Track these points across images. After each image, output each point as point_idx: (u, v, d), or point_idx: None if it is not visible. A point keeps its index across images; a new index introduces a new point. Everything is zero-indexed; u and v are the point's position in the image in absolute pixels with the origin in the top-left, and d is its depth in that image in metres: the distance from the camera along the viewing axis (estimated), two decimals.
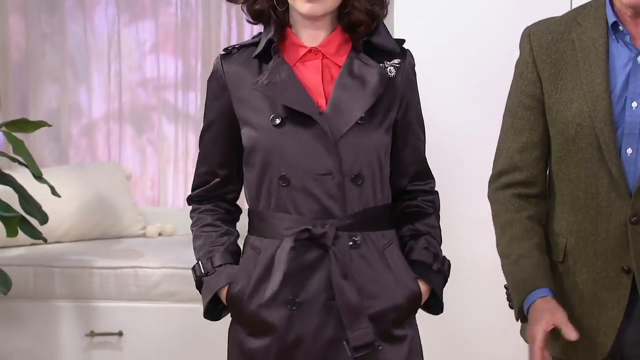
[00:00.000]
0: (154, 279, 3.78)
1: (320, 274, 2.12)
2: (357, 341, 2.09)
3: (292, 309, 2.11)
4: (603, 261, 2.15)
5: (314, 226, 2.11)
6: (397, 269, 2.16)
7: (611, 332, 2.15)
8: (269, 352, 2.13)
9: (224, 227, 2.25)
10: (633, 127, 2.13)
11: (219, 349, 3.56)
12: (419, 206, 2.26)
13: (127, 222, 4.30)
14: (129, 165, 4.74)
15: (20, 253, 3.91)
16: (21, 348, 3.74)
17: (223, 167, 2.24)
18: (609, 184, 2.13)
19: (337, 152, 2.12)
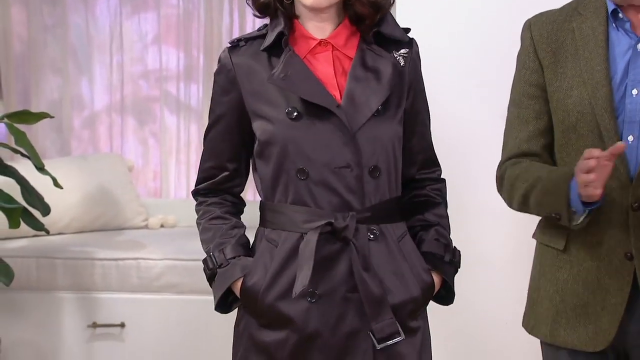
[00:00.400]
0: (156, 271, 3.78)
1: (341, 266, 2.12)
2: (382, 332, 2.09)
3: (311, 302, 2.11)
4: (606, 248, 2.16)
5: (335, 219, 2.11)
6: (412, 260, 2.17)
7: (615, 319, 2.15)
8: (285, 345, 2.12)
9: (232, 220, 2.25)
10: (633, 115, 2.13)
11: (220, 341, 3.57)
12: (427, 195, 2.26)
13: (129, 213, 4.30)
14: (131, 157, 4.74)
15: (23, 244, 3.91)
16: (24, 339, 3.74)
17: (233, 161, 2.24)
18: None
19: (356, 145, 2.11)
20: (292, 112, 2.12)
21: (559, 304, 2.23)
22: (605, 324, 2.16)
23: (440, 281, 2.21)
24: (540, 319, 2.27)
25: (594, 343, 2.18)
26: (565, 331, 2.21)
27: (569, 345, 2.21)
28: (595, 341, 2.18)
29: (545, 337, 2.26)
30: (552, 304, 2.24)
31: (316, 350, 2.11)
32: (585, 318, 2.18)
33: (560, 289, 2.22)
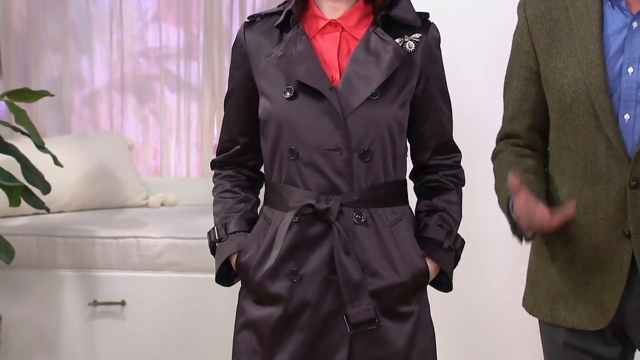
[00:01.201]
0: (157, 249, 3.78)
1: (323, 248, 2.13)
2: (357, 317, 2.10)
3: (293, 281, 2.12)
4: (604, 227, 2.16)
5: (317, 201, 2.12)
6: (404, 245, 2.16)
7: (615, 297, 2.16)
8: (268, 322, 2.15)
9: (242, 194, 2.27)
10: (629, 93, 2.13)
11: (220, 319, 3.58)
12: (439, 181, 2.25)
13: (129, 192, 4.30)
14: (132, 135, 4.74)
15: (23, 222, 3.92)
16: (24, 317, 3.75)
17: (243, 135, 2.26)
18: (607, 150, 2.14)
19: (346, 128, 2.11)
20: (288, 91, 2.13)
21: (558, 284, 2.23)
22: (605, 302, 2.17)
23: (437, 268, 2.20)
24: (539, 299, 2.28)
25: (594, 322, 2.19)
26: (565, 311, 2.22)
27: (569, 325, 2.22)
28: (595, 320, 2.19)
29: (546, 317, 2.27)
30: (552, 284, 2.24)
31: (297, 328, 2.13)
32: (585, 297, 2.19)
33: (560, 269, 2.23)
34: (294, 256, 2.13)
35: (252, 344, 2.17)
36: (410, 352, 2.16)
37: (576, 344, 2.23)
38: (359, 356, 2.12)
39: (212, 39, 4.62)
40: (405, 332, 2.15)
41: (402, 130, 2.18)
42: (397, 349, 2.14)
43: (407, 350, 2.15)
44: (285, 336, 2.13)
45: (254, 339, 2.17)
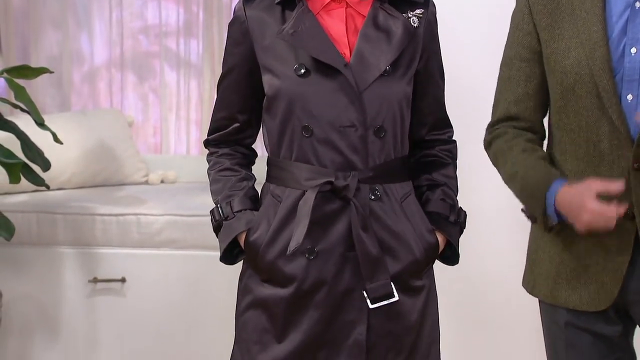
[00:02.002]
0: (157, 226, 3.79)
1: (340, 225, 2.12)
2: (376, 292, 2.10)
3: (309, 258, 2.12)
4: None
5: (336, 178, 2.11)
6: (415, 220, 2.18)
7: (618, 278, 2.16)
8: (281, 301, 2.14)
9: (242, 172, 2.27)
10: (632, 73, 2.13)
11: (221, 296, 3.59)
12: (436, 156, 2.26)
13: (129, 169, 4.30)
14: (131, 113, 4.73)
15: (23, 199, 3.92)
16: (25, 293, 3.76)
17: (243, 113, 2.25)
18: (610, 131, 2.14)
19: (362, 104, 2.11)
20: (300, 68, 2.12)
21: (559, 265, 2.23)
22: (607, 283, 2.17)
23: (445, 241, 2.21)
24: (540, 280, 2.28)
25: (595, 303, 2.19)
26: (566, 291, 2.22)
27: (570, 305, 2.22)
28: (597, 301, 2.19)
29: (546, 297, 2.27)
30: (552, 265, 2.25)
31: (312, 306, 2.13)
32: (586, 278, 2.19)
33: (561, 250, 2.23)
34: (310, 233, 2.11)
35: (261, 322, 2.17)
36: (422, 325, 2.18)
37: (577, 324, 2.23)
38: (376, 331, 2.13)
39: (211, 17, 4.60)
40: (418, 306, 2.17)
41: (409, 106, 2.19)
42: (411, 322, 2.16)
43: (420, 324, 2.17)
44: (299, 314, 2.13)
45: (263, 317, 2.17)
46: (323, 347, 2.13)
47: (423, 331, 2.18)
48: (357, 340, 2.12)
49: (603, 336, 2.22)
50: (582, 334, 2.23)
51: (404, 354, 2.15)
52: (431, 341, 2.20)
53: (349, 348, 2.12)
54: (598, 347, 2.23)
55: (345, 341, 2.13)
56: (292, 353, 2.13)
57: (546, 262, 2.26)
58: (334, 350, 2.13)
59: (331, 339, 2.13)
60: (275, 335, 2.15)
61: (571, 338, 2.24)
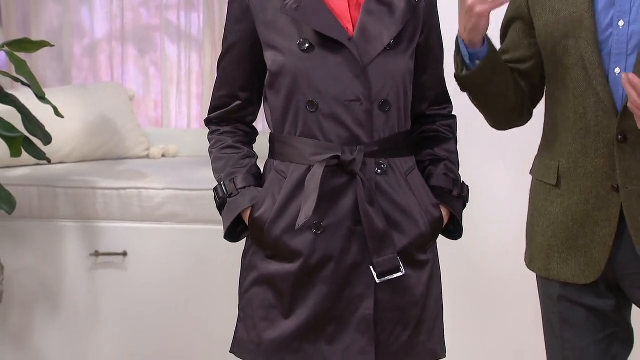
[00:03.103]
0: (158, 200, 3.79)
1: (347, 199, 2.13)
2: (383, 266, 2.11)
3: (316, 233, 2.12)
4: (593, 180, 2.17)
5: (343, 153, 2.11)
6: (420, 194, 2.18)
7: (604, 250, 2.17)
8: (288, 277, 2.14)
9: (244, 149, 2.26)
10: (620, 46, 2.13)
11: (222, 270, 3.60)
12: (437, 131, 2.26)
13: (130, 143, 4.30)
14: (132, 86, 4.72)
15: (24, 173, 3.92)
16: (27, 267, 3.77)
17: (245, 90, 2.24)
18: (596, 103, 2.15)
19: (366, 78, 2.11)
20: (304, 43, 2.11)
21: (551, 239, 2.25)
22: (595, 256, 2.19)
23: (449, 215, 2.21)
24: (535, 254, 2.30)
25: (585, 275, 2.20)
26: (557, 265, 2.24)
27: (562, 278, 2.24)
28: (586, 273, 2.20)
29: (540, 271, 2.29)
30: (545, 239, 2.26)
31: (319, 281, 2.13)
32: (576, 251, 2.20)
33: (552, 224, 2.24)
34: (317, 208, 2.11)
35: (267, 298, 2.17)
36: (427, 299, 2.18)
37: (570, 297, 2.25)
38: (383, 306, 2.14)
39: None
40: (423, 280, 2.18)
41: (411, 80, 2.19)
42: (417, 296, 2.16)
43: (425, 298, 2.18)
44: (306, 289, 2.13)
45: (269, 294, 2.17)
46: (331, 322, 2.14)
47: (428, 305, 2.19)
48: (365, 315, 2.12)
49: (596, 310, 2.24)
50: (575, 307, 2.24)
51: (410, 328, 2.16)
52: (436, 315, 2.22)
53: (356, 323, 2.13)
54: (592, 321, 2.24)
55: (353, 316, 2.13)
56: (300, 328, 2.13)
57: (540, 237, 2.27)
58: (341, 325, 2.14)
59: (339, 314, 2.13)
60: (282, 311, 2.15)
61: (565, 312, 2.26)
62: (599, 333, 2.24)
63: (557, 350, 2.28)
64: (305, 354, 2.14)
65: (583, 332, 2.24)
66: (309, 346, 2.13)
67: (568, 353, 2.26)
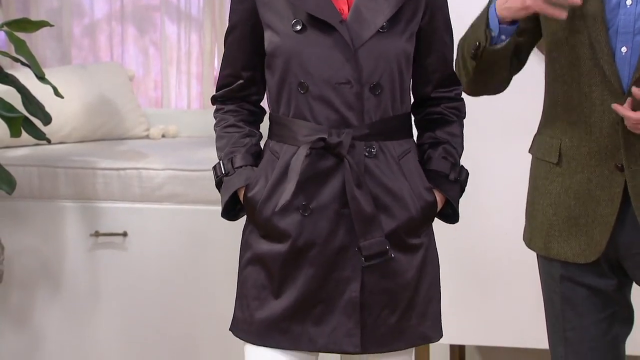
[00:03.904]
0: (158, 181, 3.79)
1: (334, 182, 2.13)
2: (370, 250, 2.11)
3: (303, 215, 2.12)
4: (597, 159, 2.17)
5: (329, 135, 2.11)
6: (413, 178, 2.17)
7: (606, 230, 2.18)
8: (277, 257, 2.15)
9: (246, 128, 2.26)
10: (627, 26, 2.12)
11: (222, 250, 3.60)
12: (441, 113, 2.25)
13: (130, 123, 4.29)
14: (132, 66, 4.72)
15: (24, 153, 3.92)
16: (27, 247, 3.77)
17: (246, 70, 2.24)
18: (602, 82, 2.15)
19: (357, 61, 2.11)
20: (297, 24, 2.11)
21: (552, 217, 2.25)
22: (596, 235, 2.19)
23: (444, 200, 2.21)
24: (535, 233, 2.30)
25: (585, 254, 2.21)
26: (558, 244, 2.24)
27: (562, 258, 2.24)
28: (587, 252, 2.21)
29: (540, 250, 2.29)
30: (546, 217, 2.26)
31: (307, 262, 2.13)
32: (577, 230, 2.21)
33: (553, 202, 2.24)
34: (305, 190, 2.12)
35: (260, 279, 2.18)
36: (419, 283, 2.18)
37: (571, 277, 2.25)
38: (370, 289, 2.14)
39: None
40: (415, 264, 2.17)
41: (409, 63, 2.18)
42: (407, 280, 2.16)
43: (416, 282, 2.17)
44: (295, 271, 2.14)
45: (262, 274, 2.18)
46: (318, 304, 2.14)
47: (420, 289, 2.19)
48: (351, 297, 2.13)
49: (598, 290, 2.24)
50: (576, 287, 2.25)
51: (399, 311, 2.16)
52: (429, 299, 2.21)
53: (343, 305, 2.13)
54: (593, 301, 2.25)
55: (340, 298, 2.14)
56: (288, 309, 2.14)
57: (540, 215, 2.28)
58: (329, 307, 2.14)
59: (326, 295, 2.14)
60: (272, 291, 2.16)
61: (566, 291, 2.26)
62: (600, 313, 2.25)
63: (558, 330, 2.29)
64: (293, 335, 2.15)
65: (584, 312, 2.25)
66: (297, 327, 2.15)
67: (569, 333, 2.27)
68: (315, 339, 2.14)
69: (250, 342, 2.19)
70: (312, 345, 2.15)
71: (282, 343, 2.16)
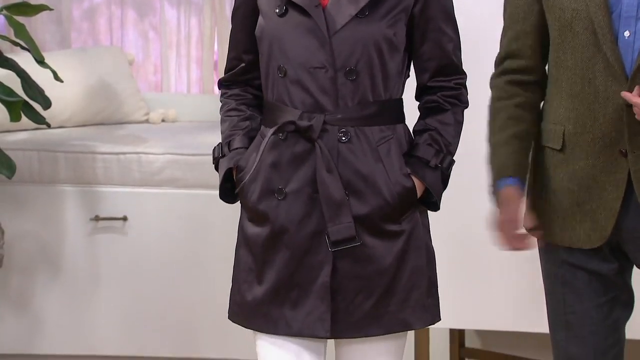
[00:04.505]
0: (158, 165, 3.79)
1: (307, 166, 2.13)
2: (337, 235, 2.11)
3: (278, 199, 2.13)
4: (601, 145, 2.17)
5: (300, 119, 2.12)
6: (390, 164, 2.15)
7: (611, 215, 2.18)
8: (258, 239, 2.17)
9: (247, 112, 2.27)
10: (630, 10, 2.12)
11: (222, 234, 3.60)
12: (436, 102, 2.23)
13: (130, 107, 4.29)
14: (132, 50, 4.71)
15: (24, 137, 3.92)
16: (27, 231, 3.77)
17: (248, 53, 2.25)
18: (605, 68, 2.14)
19: (331, 47, 2.11)
20: (280, 8, 2.13)
21: (555, 204, 2.25)
22: (601, 221, 2.19)
23: (422, 186, 2.18)
24: (538, 219, 2.29)
25: (590, 240, 2.21)
26: (561, 230, 2.24)
27: (566, 244, 2.24)
28: (592, 238, 2.21)
29: (543, 236, 2.29)
30: (549, 203, 2.26)
31: (283, 245, 2.15)
32: (581, 216, 2.21)
33: (557, 189, 2.24)
34: (280, 174, 2.14)
35: (248, 262, 2.20)
36: (399, 270, 2.16)
37: (573, 262, 2.25)
38: (343, 274, 2.14)
39: None
40: (395, 251, 2.16)
41: (393, 49, 2.16)
42: (383, 266, 2.15)
43: (396, 268, 2.16)
44: (273, 254, 2.15)
45: (249, 257, 2.19)
46: (294, 288, 2.15)
47: (400, 276, 2.17)
48: (323, 282, 2.13)
49: (599, 274, 2.24)
50: (577, 271, 2.25)
51: (374, 297, 2.15)
52: (411, 286, 2.18)
53: (317, 290, 2.14)
54: (594, 285, 2.25)
55: (314, 282, 2.14)
56: (268, 293, 2.16)
57: (543, 202, 2.27)
58: (304, 291, 2.15)
59: (301, 280, 2.15)
60: (257, 274, 2.18)
61: (567, 276, 2.26)
62: (601, 297, 2.25)
63: (559, 315, 2.29)
64: (273, 318, 2.16)
65: (585, 296, 2.25)
66: (276, 311, 2.16)
67: (570, 317, 2.27)
68: (291, 323, 2.15)
69: (240, 324, 2.22)
70: (288, 329, 2.16)
71: (263, 327, 2.17)
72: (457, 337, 3.61)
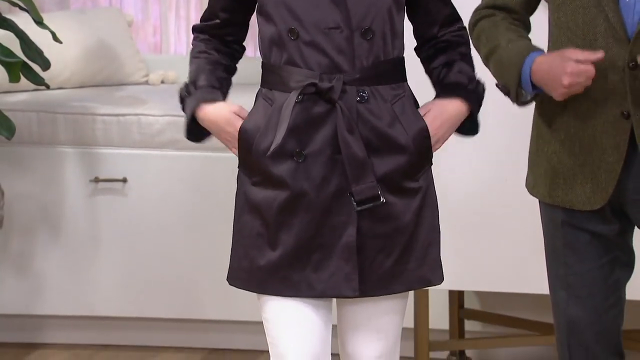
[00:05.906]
0: (157, 127, 3.78)
1: (327, 127, 2.12)
2: (361, 195, 2.11)
3: (297, 162, 2.13)
4: (602, 107, 2.17)
5: (320, 80, 2.11)
6: (406, 121, 2.17)
7: (612, 177, 2.18)
8: (273, 204, 2.15)
9: (216, 55, 2.26)
10: None
11: (221, 196, 3.60)
12: (448, 40, 2.25)
13: (129, 69, 4.28)
14: (131, 11, 4.69)
15: (23, 98, 3.91)
16: (27, 192, 3.78)
17: (225, 11, 2.24)
18: (607, 29, 2.13)
19: (345, 6, 2.10)
20: None
21: (556, 165, 2.24)
22: (602, 182, 2.19)
23: (464, 109, 2.21)
24: (538, 180, 2.30)
25: (591, 202, 2.21)
26: (563, 191, 2.24)
27: (567, 205, 2.24)
28: (593, 200, 2.21)
29: (544, 197, 2.29)
30: (550, 165, 2.26)
31: (302, 209, 2.14)
32: (582, 177, 2.21)
33: (558, 150, 2.24)
34: (297, 137, 2.12)
35: (256, 227, 2.18)
36: (417, 227, 2.18)
37: (574, 223, 2.25)
38: (366, 232, 2.14)
39: None
40: (413, 208, 2.17)
41: (400, 7, 2.17)
42: (403, 224, 2.16)
43: (414, 225, 2.18)
44: (290, 218, 2.14)
45: (257, 222, 2.18)
46: (316, 250, 2.15)
47: (418, 233, 2.19)
48: (348, 242, 2.14)
49: (600, 235, 2.25)
50: (579, 232, 2.25)
51: (394, 255, 2.17)
52: (428, 244, 2.21)
53: (340, 250, 2.14)
54: (595, 246, 2.25)
55: (337, 243, 2.14)
56: (286, 256, 2.15)
57: (544, 162, 2.27)
58: (326, 252, 2.15)
59: (323, 241, 2.15)
60: (268, 239, 2.16)
61: (568, 237, 2.26)
62: (602, 258, 2.26)
63: (560, 276, 2.30)
64: (292, 282, 2.15)
65: (586, 257, 2.25)
66: (296, 274, 2.15)
67: (570, 278, 2.27)
68: (314, 285, 2.15)
69: (250, 290, 2.20)
70: (311, 291, 2.16)
71: (282, 290, 2.16)
72: (457, 298, 3.62)
